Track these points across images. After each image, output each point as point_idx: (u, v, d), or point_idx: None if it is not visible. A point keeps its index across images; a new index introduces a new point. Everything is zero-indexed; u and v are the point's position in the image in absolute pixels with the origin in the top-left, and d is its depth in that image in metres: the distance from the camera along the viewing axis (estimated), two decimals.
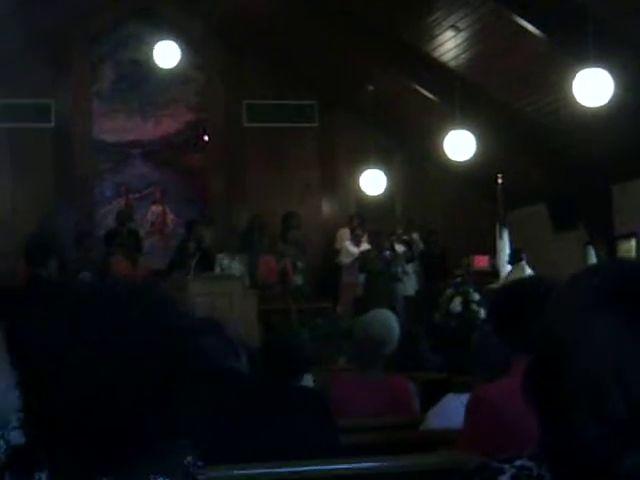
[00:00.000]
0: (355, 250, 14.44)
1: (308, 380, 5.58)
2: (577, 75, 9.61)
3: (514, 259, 13.47)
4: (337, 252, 14.95)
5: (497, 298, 3.39)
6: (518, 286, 3.45)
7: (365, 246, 14.33)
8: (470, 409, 3.22)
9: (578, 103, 9.98)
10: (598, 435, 1.09)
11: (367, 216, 15.16)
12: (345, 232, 15.15)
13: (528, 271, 12.96)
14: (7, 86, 14.63)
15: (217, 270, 13.01)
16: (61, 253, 12.75)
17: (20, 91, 14.76)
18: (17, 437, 1.36)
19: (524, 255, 13.32)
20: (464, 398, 4.08)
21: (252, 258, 14.00)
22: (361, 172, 14.58)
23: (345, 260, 14.53)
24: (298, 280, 14.40)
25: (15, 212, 14.56)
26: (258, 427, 3.10)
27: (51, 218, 14.30)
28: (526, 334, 2.59)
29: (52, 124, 15.07)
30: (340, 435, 3.61)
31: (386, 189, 14.62)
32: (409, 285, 14.22)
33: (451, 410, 4.21)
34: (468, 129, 12.34)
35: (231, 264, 13.56)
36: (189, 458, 1.54)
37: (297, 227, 14.81)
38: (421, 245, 15.11)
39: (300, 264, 14.49)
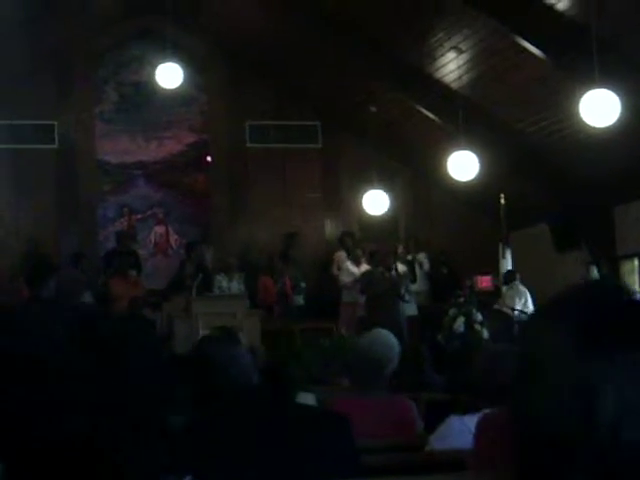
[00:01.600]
0: (356, 270, 14.42)
1: (310, 400, 5.57)
2: (584, 96, 9.62)
3: (508, 279, 13.49)
4: (335, 277, 14.90)
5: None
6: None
7: (365, 267, 14.31)
8: (481, 431, 3.21)
9: (581, 124, 9.99)
10: (540, 454, 1.11)
11: (365, 236, 15.18)
12: (341, 255, 15.12)
13: (523, 290, 12.98)
14: (11, 107, 14.68)
15: (216, 291, 13.01)
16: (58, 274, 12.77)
17: (23, 112, 14.81)
18: None
19: (518, 275, 13.34)
20: (467, 419, 4.08)
21: (249, 278, 14.01)
22: (364, 192, 14.59)
23: (346, 280, 14.51)
24: (299, 300, 14.39)
25: (18, 232, 14.58)
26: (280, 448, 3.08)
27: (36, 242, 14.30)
28: None
29: (55, 145, 15.12)
30: None
31: (389, 209, 14.63)
32: (412, 306, 14.19)
33: (455, 432, 4.20)
34: (471, 150, 12.36)
35: (230, 285, 13.56)
36: (188, 478, 1.53)
37: (298, 247, 14.82)
38: (427, 266, 15.10)
39: (302, 284, 14.48)
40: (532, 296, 13.04)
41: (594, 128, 10.01)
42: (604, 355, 1.10)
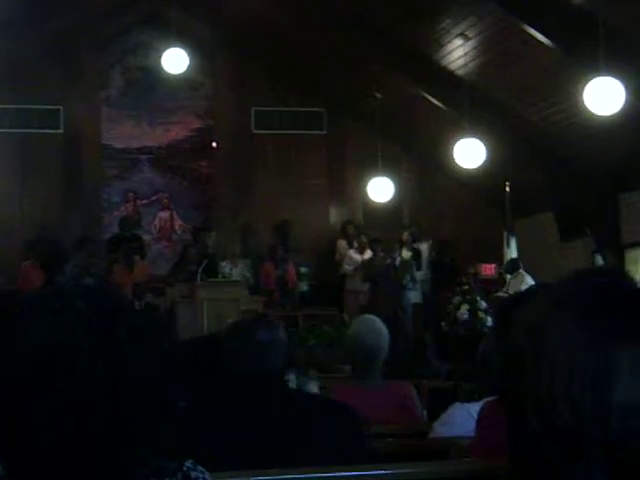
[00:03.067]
0: (359, 258, 14.44)
1: (313, 387, 5.58)
2: (589, 84, 9.60)
3: (512, 268, 13.49)
4: (338, 263, 14.94)
5: (499, 313, 3.40)
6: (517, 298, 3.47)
7: (369, 254, 14.33)
8: (483, 419, 3.22)
9: (587, 112, 9.97)
10: (549, 445, 1.10)
11: (369, 223, 15.19)
12: (342, 243, 15.15)
13: (528, 279, 12.97)
14: (17, 92, 14.69)
15: (219, 277, 13.05)
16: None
17: (29, 97, 14.82)
18: None
19: (521, 264, 13.34)
20: (471, 407, 4.08)
21: (254, 264, 14.05)
22: (369, 179, 14.59)
23: (349, 268, 14.54)
24: (302, 287, 14.41)
25: (24, 216, 14.61)
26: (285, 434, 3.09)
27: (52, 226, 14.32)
28: None
29: (61, 130, 15.12)
30: None
31: (393, 196, 14.62)
32: (417, 293, 14.20)
33: (458, 419, 4.21)
34: (477, 137, 12.33)
35: (232, 271, 13.61)
36: (188, 463, 1.53)
37: (292, 233, 14.83)
38: (431, 253, 15.09)
39: (303, 270, 14.49)
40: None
41: (599, 116, 9.99)
42: (615, 342, 1.09)
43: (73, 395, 1.24)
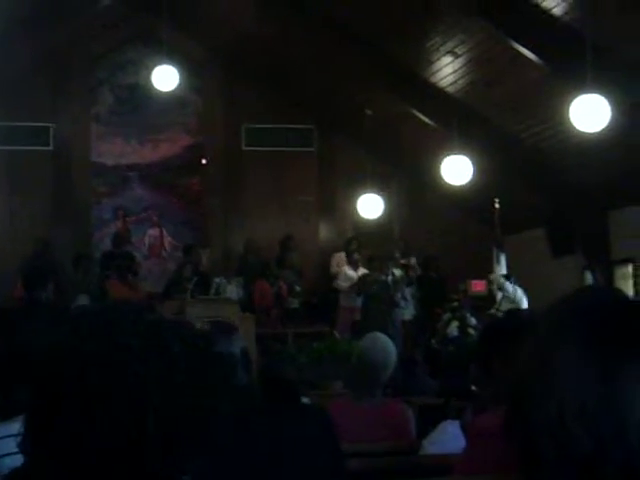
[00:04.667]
0: (354, 274, 14.44)
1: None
2: (574, 101, 9.64)
3: (500, 285, 13.47)
4: (333, 276, 14.96)
5: (481, 336, 3.42)
6: (496, 324, 3.51)
7: (363, 271, 14.33)
8: (472, 436, 3.22)
9: (574, 128, 10.00)
10: (567, 474, 1.08)
11: (364, 240, 15.18)
12: (340, 256, 15.16)
13: (518, 293, 12.98)
14: (6, 109, 14.67)
15: (212, 294, 13.01)
16: (58, 276, 12.79)
17: (19, 114, 14.80)
18: (15, 462, 1.35)
19: (513, 280, 13.34)
20: (461, 424, 4.08)
21: (247, 282, 14.01)
22: (358, 196, 14.60)
23: (343, 284, 14.53)
24: (294, 303, 14.39)
25: (13, 234, 14.57)
26: (267, 443, 3.08)
27: (45, 243, 14.29)
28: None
29: (51, 147, 15.11)
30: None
31: (383, 213, 14.63)
32: (407, 310, 14.19)
33: (448, 437, 4.20)
34: (465, 154, 12.37)
35: (226, 288, 13.58)
36: (186, 478, 1.53)
37: (294, 250, 14.85)
38: (418, 270, 15.10)
39: (297, 288, 14.49)
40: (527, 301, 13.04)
41: (587, 133, 10.02)
42: (627, 358, 1.08)
43: (130, 393, 1.26)
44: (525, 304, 12.81)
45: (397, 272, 14.20)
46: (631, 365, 1.08)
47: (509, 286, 12.99)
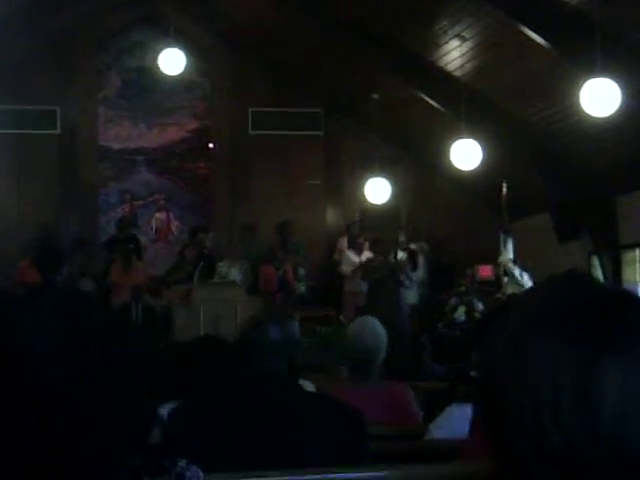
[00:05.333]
0: (357, 259, 14.43)
1: (310, 388, 5.57)
2: (584, 85, 9.59)
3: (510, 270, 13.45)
4: (337, 262, 14.95)
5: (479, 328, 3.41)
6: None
7: (367, 254, 14.31)
8: (477, 421, 3.21)
9: (584, 113, 9.96)
10: (539, 468, 1.07)
11: (367, 224, 15.18)
12: (343, 241, 15.15)
13: (525, 277, 12.96)
14: (14, 92, 14.67)
15: (216, 278, 13.02)
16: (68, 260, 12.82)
17: (26, 98, 14.80)
18: None
19: (519, 264, 13.31)
20: (468, 408, 4.07)
21: (251, 266, 14.01)
22: (366, 180, 14.57)
23: (347, 269, 14.52)
24: (300, 287, 14.39)
25: (21, 217, 14.59)
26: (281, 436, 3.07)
27: (51, 226, 14.32)
28: None
29: (58, 131, 15.11)
30: None
31: (391, 197, 14.59)
32: (413, 294, 14.18)
33: (455, 421, 4.20)
34: (474, 138, 12.32)
35: (229, 272, 13.58)
36: (182, 463, 1.52)
37: (293, 235, 14.80)
38: (427, 254, 15.08)
39: (302, 271, 14.47)
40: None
41: (596, 117, 9.98)
42: (596, 354, 1.05)
43: (36, 395, 1.23)
44: None
45: (401, 256, 14.17)
46: (605, 361, 1.05)
47: (516, 270, 12.97)
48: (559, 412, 1.04)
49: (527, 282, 13.01)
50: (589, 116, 10.04)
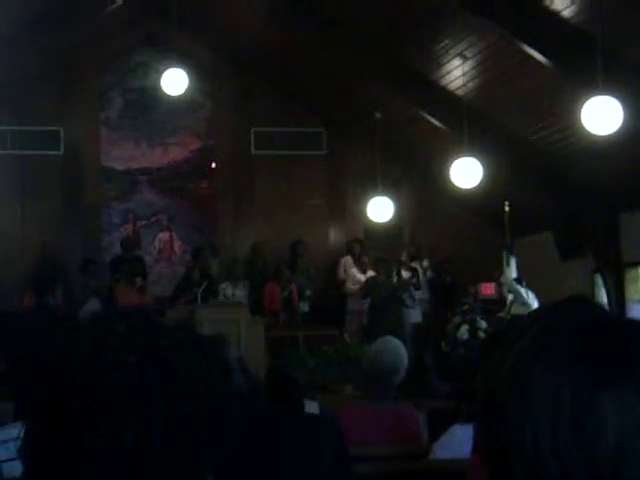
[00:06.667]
0: (362, 277, 14.44)
1: (314, 407, 5.56)
2: (586, 103, 9.60)
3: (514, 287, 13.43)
4: (342, 281, 14.97)
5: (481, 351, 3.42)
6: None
7: (371, 273, 14.32)
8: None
9: (585, 131, 9.96)
10: None
11: (369, 243, 15.19)
12: (347, 260, 15.17)
13: (530, 296, 12.94)
14: (17, 113, 14.73)
15: (220, 298, 13.02)
16: (66, 282, 12.82)
17: (29, 118, 14.84)
18: (14, 468, 1.33)
19: (524, 283, 13.30)
20: (470, 428, 4.06)
21: (255, 286, 14.02)
22: (368, 199, 14.57)
23: (352, 287, 14.54)
24: (304, 307, 14.40)
25: (24, 238, 14.60)
26: (271, 454, 3.07)
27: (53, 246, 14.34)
28: None
29: (61, 151, 15.14)
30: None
31: (393, 216, 14.59)
32: (417, 313, 14.17)
33: (458, 441, 4.18)
34: (475, 157, 12.33)
35: (234, 292, 13.59)
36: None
37: (304, 254, 14.86)
38: (429, 273, 15.09)
39: (307, 292, 14.49)
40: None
41: (598, 135, 9.98)
42: (598, 384, 1.04)
43: (130, 410, 1.24)
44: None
45: (404, 274, 14.18)
46: (604, 395, 1.04)
47: (522, 289, 12.96)
48: (557, 443, 1.03)
49: (533, 301, 13.01)
50: (591, 134, 10.04)
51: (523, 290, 12.96)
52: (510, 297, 13.46)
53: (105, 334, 1.29)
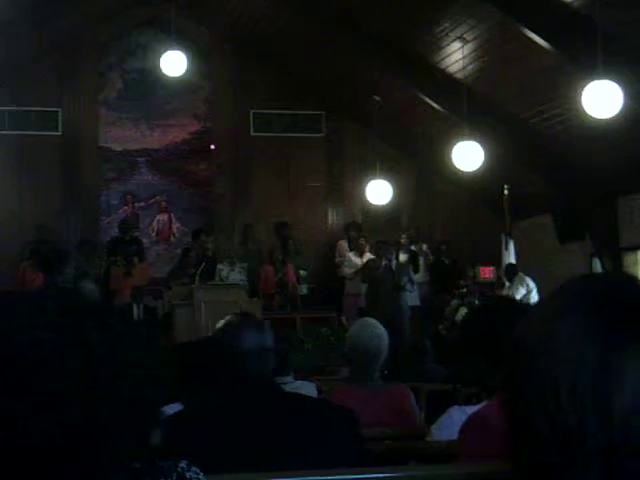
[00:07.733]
0: (358, 261, 14.45)
1: (311, 389, 5.58)
2: (586, 87, 9.59)
3: (509, 276, 13.45)
4: (338, 264, 14.98)
5: (466, 322, 3.44)
6: (486, 308, 3.55)
7: (367, 257, 14.33)
8: (473, 421, 3.22)
9: (586, 115, 9.96)
10: (553, 447, 1.09)
11: (368, 226, 15.20)
12: (343, 244, 15.18)
13: (527, 280, 12.97)
14: (15, 94, 14.69)
15: (217, 280, 13.04)
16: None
17: (28, 99, 14.81)
18: None
19: (518, 269, 13.34)
20: (469, 410, 4.07)
21: (252, 267, 14.03)
22: (367, 182, 14.58)
23: (348, 271, 14.55)
24: (302, 289, 14.41)
25: (22, 218, 14.59)
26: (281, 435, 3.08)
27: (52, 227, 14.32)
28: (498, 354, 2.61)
29: (59, 132, 15.11)
30: None
31: (392, 199, 14.60)
32: (415, 296, 14.19)
33: (456, 422, 4.19)
34: (475, 140, 12.33)
35: (230, 274, 13.59)
36: (183, 464, 1.52)
37: (290, 236, 14.84)
38: (431, 257, 15.10)
39: (302, 272, 14.49)
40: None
41: (598, 119, 9.98)
42: (620, 346, 1.08)
43: (49, 390, 1.23)
44: (536, 297, 12.80)
45: (402, 258, 14.19)
46: (629, 352, 1.08)
47: (529, 280, 12.98)
48: (576, 394, 1.08)
49: (531, 284, 13.04)
50: (591, 118, 10.04)
51: (530, 280, 13.00)
52: (507, 284, 13.49)
53: (29, 312, 1.28)
